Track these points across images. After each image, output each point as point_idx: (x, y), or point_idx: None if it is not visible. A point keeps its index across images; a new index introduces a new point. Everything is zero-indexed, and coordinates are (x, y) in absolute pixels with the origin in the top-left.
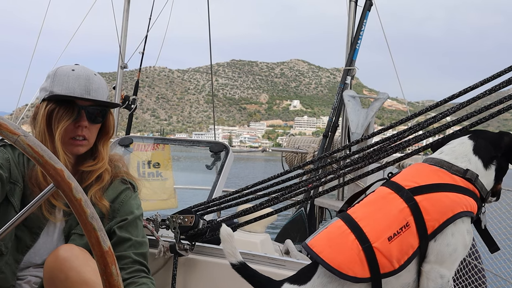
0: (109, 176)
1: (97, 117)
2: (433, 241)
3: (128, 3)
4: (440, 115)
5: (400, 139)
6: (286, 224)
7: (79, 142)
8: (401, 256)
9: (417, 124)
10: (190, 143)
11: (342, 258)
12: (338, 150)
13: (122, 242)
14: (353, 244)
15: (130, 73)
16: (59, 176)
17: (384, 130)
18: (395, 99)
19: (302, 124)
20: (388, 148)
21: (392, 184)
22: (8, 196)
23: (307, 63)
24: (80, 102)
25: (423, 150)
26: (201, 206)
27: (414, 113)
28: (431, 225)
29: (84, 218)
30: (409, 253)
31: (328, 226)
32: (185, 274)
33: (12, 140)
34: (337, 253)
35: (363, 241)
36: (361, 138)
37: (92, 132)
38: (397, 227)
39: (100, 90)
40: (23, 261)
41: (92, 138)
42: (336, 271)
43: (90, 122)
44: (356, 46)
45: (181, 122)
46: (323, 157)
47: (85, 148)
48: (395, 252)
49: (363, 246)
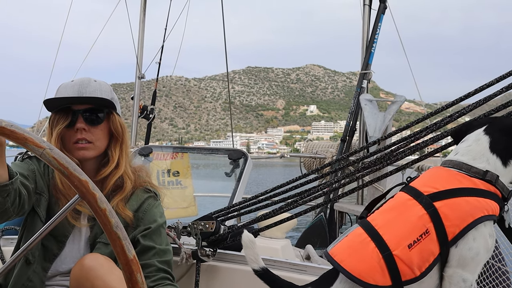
0: (131, 185)
1: (95, 118)
2: (454, 246)
3: (144, 15)
4: (456, 114)
5: (417, 139)
6: (306, 230)
7: (82, 145)
8: (422, 263)
9: (434, 124)
10: (209, 151)
11: (363, 266)
12: (355, 151)
13: (146, 251)
14: (374, 253)
15: (147, 83)
16: (84, 188)
17: (401, 131)
18: (413, 101)
19: (320, 129)
20: (405, 149)
21: (411, 189)
22: (34, 206)
23: (323, 68)
24: (75, 107)
25: (441, 150)
26: (221, 212)
27: (430, 112)
28: (451, 231)
29: (109, 228)
30: (430, 260)
31: (349, 234)
32: (208, 281)
33: (38, 153)
34: (358, 261)
35: (383, 249)
36: (378, 140)
37: (95, 135)
38: (417, 234)
39: (97, 92)
40: (50, 270)
41: (99, 141)
42: (357, 279)
43: (88, 124)
44: (372, 50)
45: (198, 130)
46: (341, 159)
47: (92, 152)
48: (416, 260)
49: (383, 254)
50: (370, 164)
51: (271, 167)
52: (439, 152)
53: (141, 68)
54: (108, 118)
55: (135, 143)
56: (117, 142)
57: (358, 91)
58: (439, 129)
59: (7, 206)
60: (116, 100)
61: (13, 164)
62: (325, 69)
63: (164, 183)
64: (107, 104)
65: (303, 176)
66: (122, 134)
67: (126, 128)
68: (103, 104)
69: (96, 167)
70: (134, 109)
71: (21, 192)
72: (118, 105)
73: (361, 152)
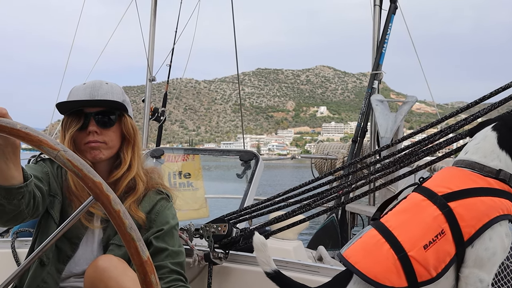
0: (143, 187)
1: (107, 121)
2: (470, 247)
3: (154, 17)
4: (471, 117)
5: (431, 142)
6: (318, 231)
7: (94, 144)
8: (438, 264)
9: (448, 127)
10: (220, 153)
11: (378, 268)
12: (368, 155)
13: (159, 252)
14: (389, 254)
15: (158, 85)
16: (98, 189)
17: (414, 134)
18: (423, 102)
19: (330, 130)
20: (419, 152)
21: (425, 190)
22: (48, 209)
23: (333, 69)
24: (87, 110)
25: (454, 153)
26: (233, 214)
27: (444, 115)
28: (467, 232)
29: (123, 229)
30: (446, 260)
31: (362, 236)
32: (220, 282)
33: (53, 155)
34: (373, 263)
35: (398, 250)
36: (391, 143)
37: (107, 137)
38: (432, 235)
39: (109, 95)
40: (64, 271)
41: (111, 142)
42: (372, 281)
43: (100, 126)
44: (382, 50)
45: (209, 132)
46: (354, 163)
47: (104, 153)
48: (432, 260)
49: (399, 256)
50: (383, 167)
51: (282, 169)
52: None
53: (152, 70)
54: (120, 120)
55: (146, 145)
56: (129, 144)
57: (369, 92)
58: (453, 131)
59: (21, 208)
60: (128, 102)
61: (27, 167)
62: (335, 70)
63: (175, 185)
64: (119, 107)
65: (316, 179)
66: (134, 136)
67: (138, 130)
68: (114, 106)
69: (108, 169)
70: (145, 112)
71: (35, 194)
72: (130, 107)
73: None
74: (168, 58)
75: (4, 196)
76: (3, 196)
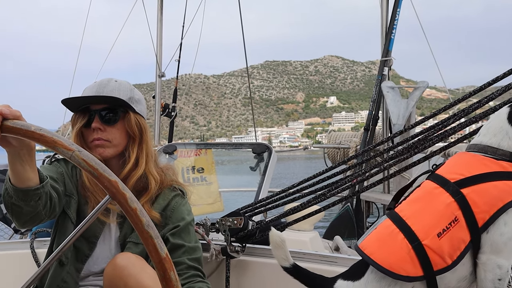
0: (156, 185)
1: (110, 118)
2: (485, 233)
3: (161, 13)
4: (484, 99)
5: (444, 126)
6: (333, 221)
7: (98, 142)
8: (453, 252)
9: (461, 110)
10: (233, 146)
11: (392, 258)
12: (381, 142)
13: (176, 249)
14: (403, 243)
15: (167, 82)
16: (114, 188)
17: (427, 119)
18: (434, 88)
19: (341, 120)
20: (432, 137)
21: (437, 177)
22: (65, 209)
23: (341, 58)
24: (93, 107)
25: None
26: (249, 207)
27: (456, 99)
28: (481, 218)
29: (141, 227)
30: (461, 247)
31: (378, 226)
32: (238, 276)
33: (68, 156)
34: (388, 253)
35: (412, 239)
36: (404, 129)
37: (112, 134)
38: (446, 222)
39: (114, 92)
40: (83, 270)
41: (116, 140)
42: (388, 271)
43: (104, 123)
44: (391, 36)
45: (220, 127)
46: (367, 150)
47: (109, 151)
48: (447, 248)
49: (413, 245)
50: (397, 154)
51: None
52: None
53: (161, 66)
54: (123, 117)
55: (159, 142)
56: (135, 142)
57: (379, 79)
58: (467, 115)
59: (39, 209)
60: (137, 100)
61: (42, 168)
62: (344, 60)
63: (189, 180)
64: (122, 104)
65: (329, 169)
66: (139, 134)
67: (146, 127)
68: (117, 103)
69: (116, 167)
70: (156, 108)
71: (51, 195)
72: (140, 104)
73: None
74: (176, 54)
75: (21, 198)
76: (20, 198)
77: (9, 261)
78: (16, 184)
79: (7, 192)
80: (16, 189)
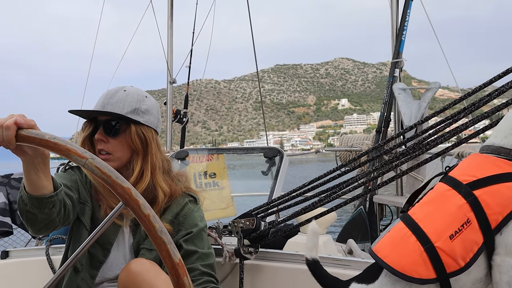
0: (165, 198)
1: (112, 130)
2: (499, 234)
3: (171, 20)
4: (496, 93)
5: (455, 121)
6: (346, 224)
7: (102, 156)
8: (466, 254)
9: (471, 104)
10: (244, 151)
11: (405, 260)
12: (391, 138)
13: (189, 255)
14: (415, 246)
15: (178, 88)
16: (127, 195)
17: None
18: (446, 88)
19: (352, 122)
20: (443, 133)
21: (450, 179)
22: (79, 216)
23: (352, 60)
24: (100, 117)
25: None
26: (260, 208)
27: (466, 93)
28: (494, 219)
29: (154, 233)
30: (474, 249)
31: (391, 229)
32: (252, 279)
33: (81, 163)
34: (400, 256)
35: (424, 242)
36: (414, 124)
37: (114, 146)
38: (458, 224)
39: (120, 103)
40: (97, 277)
41: (117, 153)
42: (401, 274)
43: (106, 134)
44: (402, 38)
45: (231, 132)
46: (377, 147)
47: (112, 164)
48: (459, 250)
49: (425, 247)
50: (407, 151)
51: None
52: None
53: (172, 73)
54: (125, 131)
55: (171, 148)
56: (138, 154)
57: (390, 81)
58: (477, 109)
59: (53, 217)
60: (144, 110)
61: (56, 176)
62: (354, 62)
63: (201, 185)
64: (121, 117)
65: (339, 167)
66: (143, 146)
67: (150, 139)
68: (119, 116)
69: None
70: (168, 114)
71: (65, 202)
72: (148, 114)
73: (396, 139)
74: (187, 60)
75: (35, 205)
76: (34, 206)
77: (26, 267)
78: (31, 192)
79: (22, 200)
80: (31, 196)
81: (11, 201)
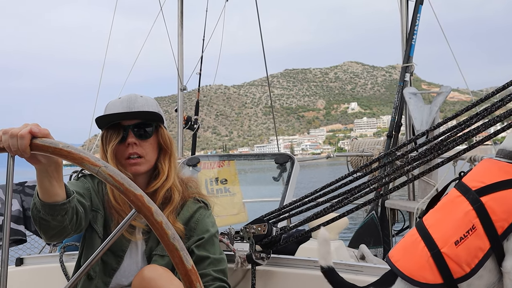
0: (179, 196)
1: (144, 132)
2: (506, 240)
3: (181, 27)
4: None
5: (467, 126)
6: (358, 229)
7: (134, 161)
8: (471, 260)
9: (484, 109)
10: (255, 157)
11: (413, 265)
12: (404, 144)
13: (201, 261)
14: (423, 251)
15: (188, 94)
16: (140, 202)
17: (449, 120)
18: (457, 90)
19: (362, 126)
20: (455, 138)
21: (461, 185)
22: (92, 223)
23: (361, 64)
24: (125, 122)
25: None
26: (272, 214)
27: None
28: (499, 226)
29: (167, 239)
30: (479, 256)
31: (405, 235)
32: (264, 285)
33: (94, 171)
34: (410, 261)
35: (432, 247)
36: (426, 130)
37: (145, 149)
38: (463, 230)
39: (145, 107)
40: (111, 284)
41: (149, 155)
42: (408, 278)
43: (138, 138)
44: (412, 42)
45: (241, 137)
46: (389, 153)
47: (144, 167)
48: (464, 256)
49: (432, 252)
50: (419, 156)
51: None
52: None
53: (183, 80)
54: (156, 131)
55: (182, 154)
56: (166, 154)
57: (401, 85)
58: (490, 114)
59: (65, 224)
60: (162, 114)
61: (69, 183)
62: (363, 65)
63: (213, 191)
64: (156, 118)
65: (351, 173)
66: (170, 147)
67: (173, 140)
68: (151, 118)
69: (146, 180)
70: (179, 121)
71: (78, 210)
72: (164, 118)
73: (409, 145)
74: (197, 67)
75: (48, 212)
76: (47, 213)
77: (40, 275)
78: (44, 199)
79: (35, 207)
80: (44, 203)
81: (25, 208)
